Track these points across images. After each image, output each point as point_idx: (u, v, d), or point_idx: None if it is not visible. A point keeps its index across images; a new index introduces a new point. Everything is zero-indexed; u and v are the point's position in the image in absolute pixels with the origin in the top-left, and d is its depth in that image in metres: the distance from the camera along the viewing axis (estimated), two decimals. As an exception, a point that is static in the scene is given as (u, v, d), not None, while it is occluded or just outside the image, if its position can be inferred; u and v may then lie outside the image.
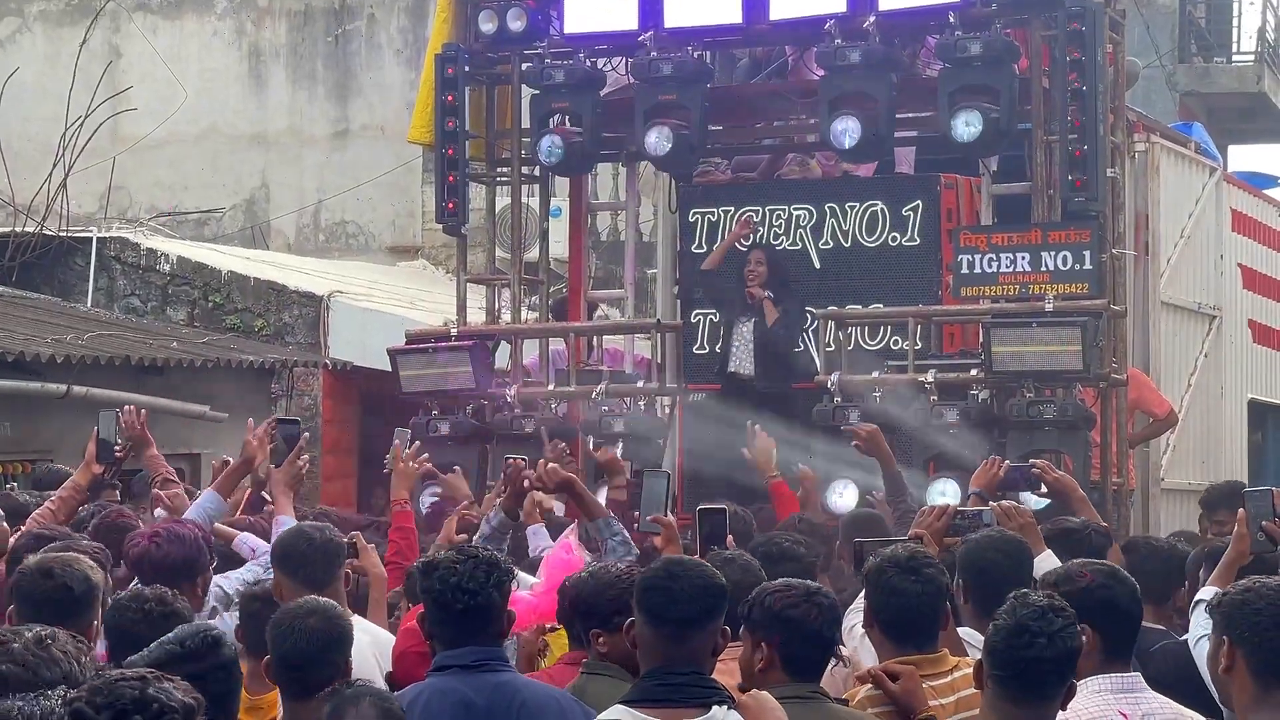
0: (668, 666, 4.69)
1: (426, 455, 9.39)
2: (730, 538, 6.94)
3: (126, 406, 8.54)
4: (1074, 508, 8.22)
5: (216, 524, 7.76)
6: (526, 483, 7.56)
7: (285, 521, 7.52)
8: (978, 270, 11.38)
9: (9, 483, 8.85)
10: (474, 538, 7.57)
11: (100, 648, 5.36)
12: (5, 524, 7.09)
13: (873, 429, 9.29)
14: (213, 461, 9.54)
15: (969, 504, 8.16)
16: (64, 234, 18.05)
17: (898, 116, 11.84)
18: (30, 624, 5.07)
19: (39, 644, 4.11)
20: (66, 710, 3.52)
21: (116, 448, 8.48)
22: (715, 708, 4.64)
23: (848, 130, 11.47)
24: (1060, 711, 4.60)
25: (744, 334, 12.03)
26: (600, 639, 5.51)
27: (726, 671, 5.12)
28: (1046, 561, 6.51)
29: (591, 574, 5.76)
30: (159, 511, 8.22)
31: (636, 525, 7.44)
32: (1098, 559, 5.88)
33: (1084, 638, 4.94)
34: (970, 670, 4.90)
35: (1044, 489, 8.99)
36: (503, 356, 12.84)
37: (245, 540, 7.73)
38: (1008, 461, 8.97)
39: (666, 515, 7.03)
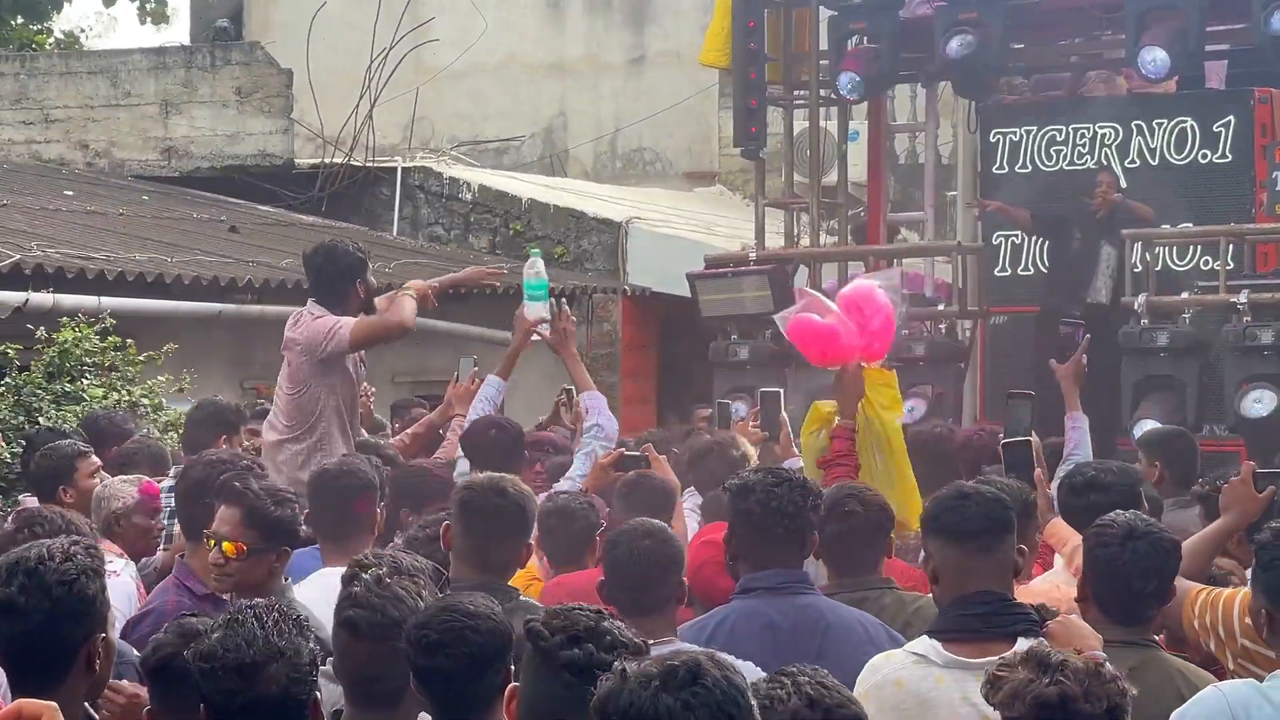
0: (973, 595, 4.58)
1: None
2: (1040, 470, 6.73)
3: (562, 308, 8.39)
4: None
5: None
6: None
7: None
8: (1294, 187, 11.03)
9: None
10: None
11: None
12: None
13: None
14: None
15: None
16: (370, 164, 18.47)
17: (1208, 30, 11.49)
18: (478, 535, 5.20)
19: (379, 584, 4.19)
20: (524, 627, 3.63)
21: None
22: (1020, 640, 4.53)
23: (1155, 60, 11.20)
24: None
25: (1105, 259, 11.64)
26: None
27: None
28: None
29: None
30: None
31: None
32: None
33: None
34: None
35: None
36: (801, 280, 12.80)
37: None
38: None
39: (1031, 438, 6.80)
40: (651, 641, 4.94)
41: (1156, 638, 4.97)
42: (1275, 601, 4.40)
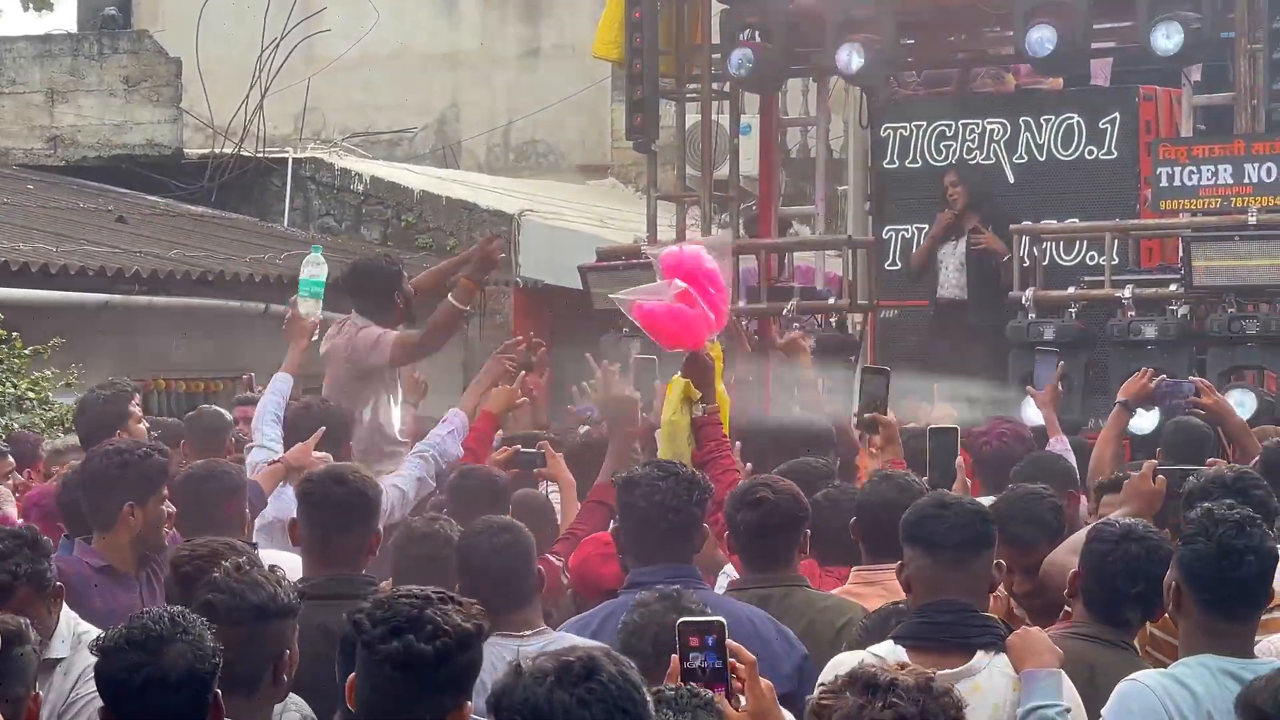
0: (937, 604, 4.56)
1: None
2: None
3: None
4: (1231, 432, 8.04)
5: None
6: None
7: None
8: (1177, 183, 11.16)
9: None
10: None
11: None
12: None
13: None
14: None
15: (1113, 413, 8.04)
16: (261, 155, 18.33)
17: (1095, 27, 11.61)
18: (320, 526, 5.17)
19: (238, 570, 4.21)
20: (347, 618, 3.59)
21: None
22: (979, 653, 4.50)
23: (1044, 39, 11.29)
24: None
25: (950, 255, 11.84)
26: None
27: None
28: None
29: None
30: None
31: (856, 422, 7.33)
32: None
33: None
34: None
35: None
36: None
37: None
38: (1163, 376, 8.75)
39: (886, 414, 6.96)
40: (528, 633, 4.97)
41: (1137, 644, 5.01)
42: (1186, 576, 4.43)
